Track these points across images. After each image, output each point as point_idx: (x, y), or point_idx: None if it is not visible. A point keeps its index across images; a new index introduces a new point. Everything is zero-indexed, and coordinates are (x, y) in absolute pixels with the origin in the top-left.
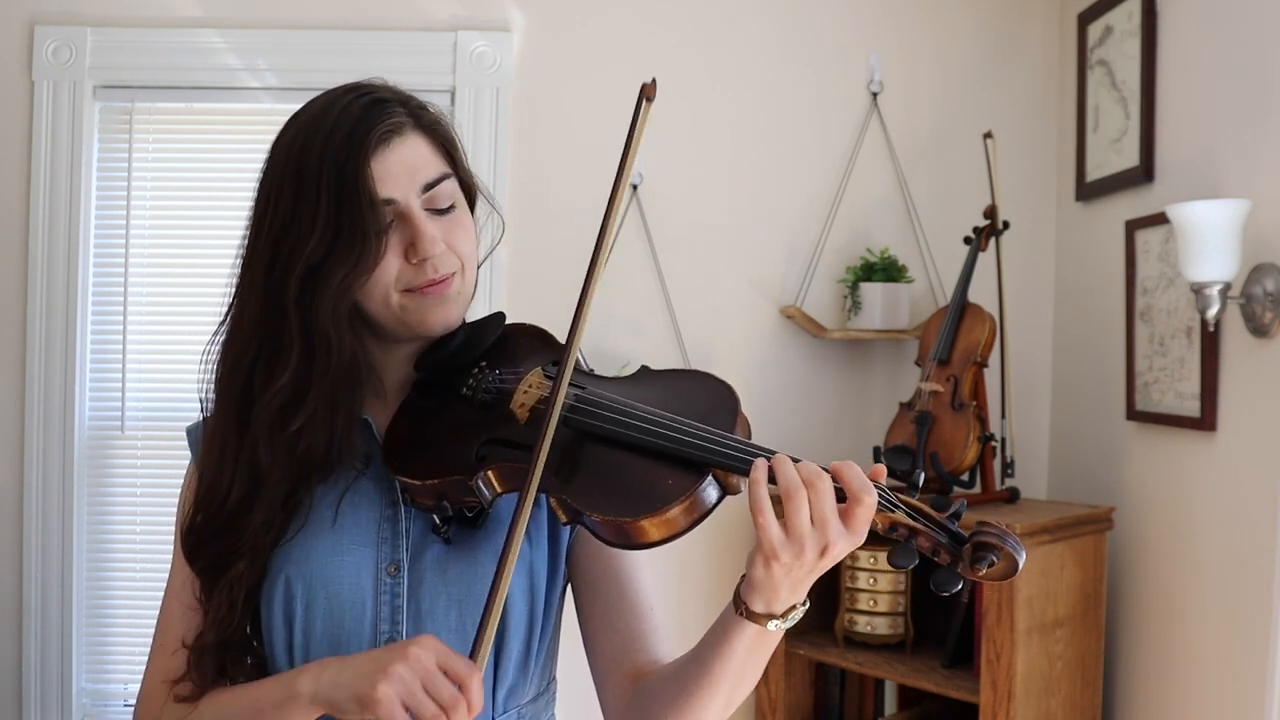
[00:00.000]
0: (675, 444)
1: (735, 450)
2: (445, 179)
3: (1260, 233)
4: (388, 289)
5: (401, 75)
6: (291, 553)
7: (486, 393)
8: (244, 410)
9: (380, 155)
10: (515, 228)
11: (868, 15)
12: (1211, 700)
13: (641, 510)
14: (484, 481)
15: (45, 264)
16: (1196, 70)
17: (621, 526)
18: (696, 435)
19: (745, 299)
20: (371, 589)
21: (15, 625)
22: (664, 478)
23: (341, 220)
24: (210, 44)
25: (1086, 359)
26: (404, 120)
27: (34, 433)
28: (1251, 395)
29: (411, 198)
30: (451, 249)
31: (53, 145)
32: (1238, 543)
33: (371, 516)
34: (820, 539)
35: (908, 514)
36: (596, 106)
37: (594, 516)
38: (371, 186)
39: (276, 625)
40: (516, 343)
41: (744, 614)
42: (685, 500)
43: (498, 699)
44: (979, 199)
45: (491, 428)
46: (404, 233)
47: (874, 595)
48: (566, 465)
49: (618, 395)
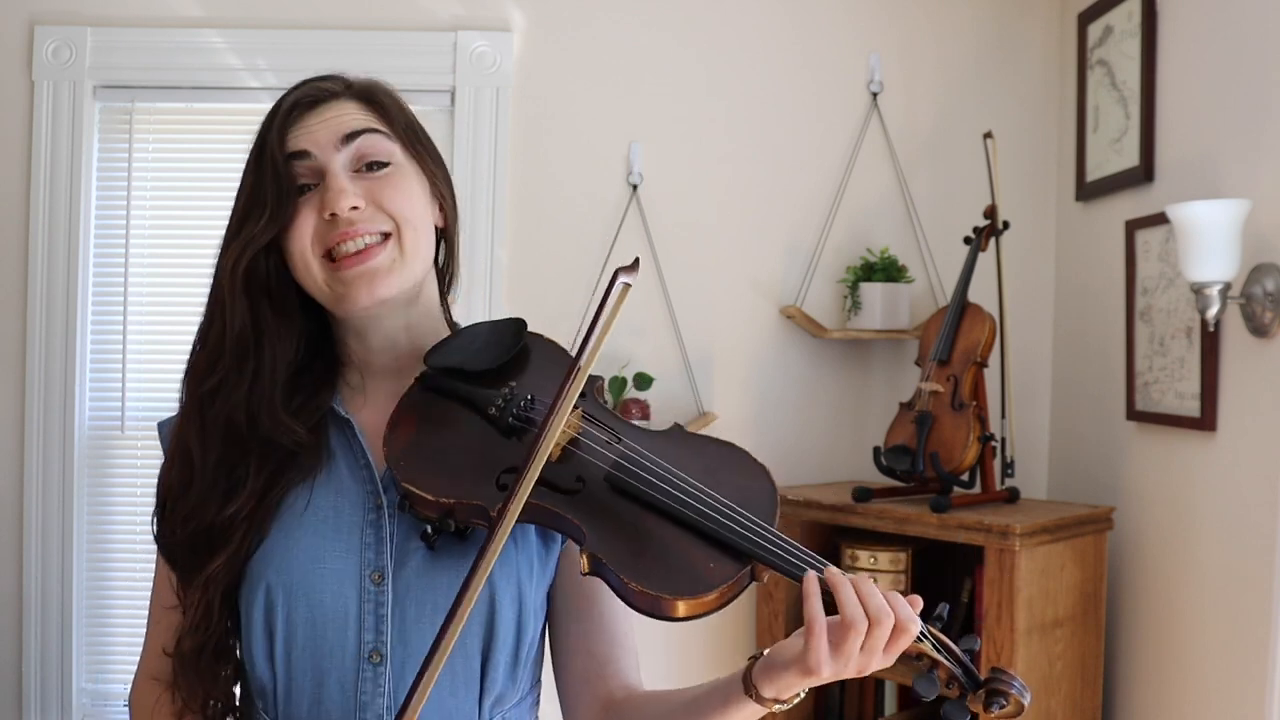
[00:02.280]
0: (724, 530)
1: (789, 554)
2: (370, 132)
3: (1260, 233)
4: (305, 251)
5: (401, 75)
6: (272, 559)
7: (517, 420)
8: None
9: (300, 118)
10: (515, 227)
11: (868, 15)
12: (1211, 700)
13: (681, 590)
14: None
15: (45, 264)
16: (1196, 70)
17: (657, 600)
18: (747, 527)
19: (745, 299)
20: (355, 598)
21: (15, 625)
22: (705, 560)
23: (256, 183)
24: (210, 44)
25: (1086, 359)
26: (335, 88)
27: (34, 433)
28: (1251, 395)
29: (329, 151)
30: (380, 208)
31: (53, 145)
32: (1238, 543)
33: (354, 521)
34: (864, 663)
35: (935, 646)
36: (596, 106)
37: (630, 584)
38: (286, 146)
39: (257, 635)
40: (540, 362)
41: (754, 697)
42: (725, 587)
43: (484, 706)
44: (979, 199)
45: (518, 457)
46: (321, 191)
47: None
48: (604, 520)
49: (659, 458)
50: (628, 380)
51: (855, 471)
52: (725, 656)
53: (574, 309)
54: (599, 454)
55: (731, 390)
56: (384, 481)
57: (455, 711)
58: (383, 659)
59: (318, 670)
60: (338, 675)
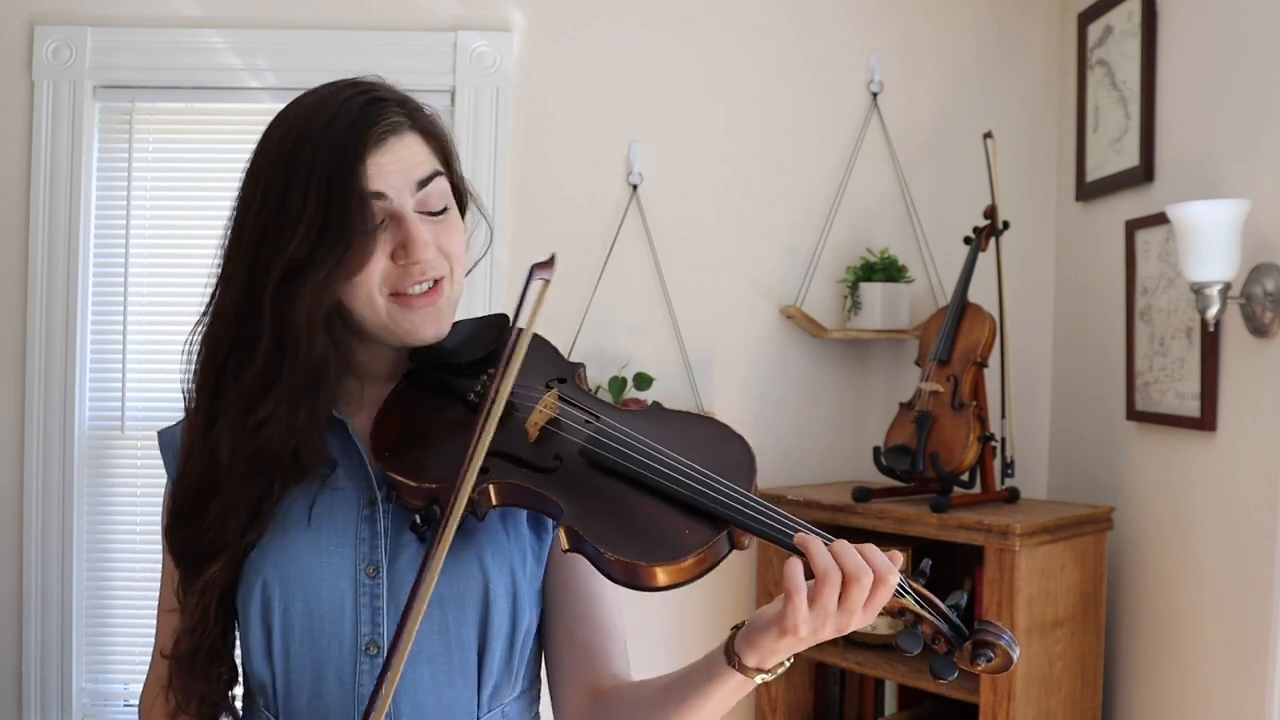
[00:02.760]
0: (699, 496)
1: (767, 517)
2: (438, 176)
3: (1260, 233)
4: (372, 290)
5: (401, 75)
6: (268, 556)
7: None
8: (215, 404)
9: (375, 154)
10: (515, 227)
11: (868, 15)
12: (1211, 700)
13: (658, 557)
14: (483, 494)
15: (45, 264)
16: (1196, 70)
17: (634, 568)
18: (721, 492)
19: (745, 299)
20: (351, 591)
21: (15, 625)
22: (682, 527)
23: (330, 217)
24: (210, 44)
25: (1086, 359)
26: (401, 120)
27: (34, 433)
28: (1251, 395)
29: (404, 196)
30: (442, 252)
31: (53, 145)
32: (1238, 543)
33: (349, 516)
34: (843, 621)
35: (917, 601)
36: (596, 106)
37: (607, 554)
38: (364, 183)
39: (254, 631)
40: None
41: (736, 666)
42: (701, 552)
43: (482, 698)
44: (979, 199)
45: (498, 441)
46: (394, 233)
47: None
48: (580, 495)
49: (635, 433)
50: (628, 380)
51: (855, 471)
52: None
53: (574, 309)
54: (575, 430)
55: (731, 390)
56: (378, 478)
57: (453, 703)
58: (379, 650)
59: (316, 663)
60: (336, 668)
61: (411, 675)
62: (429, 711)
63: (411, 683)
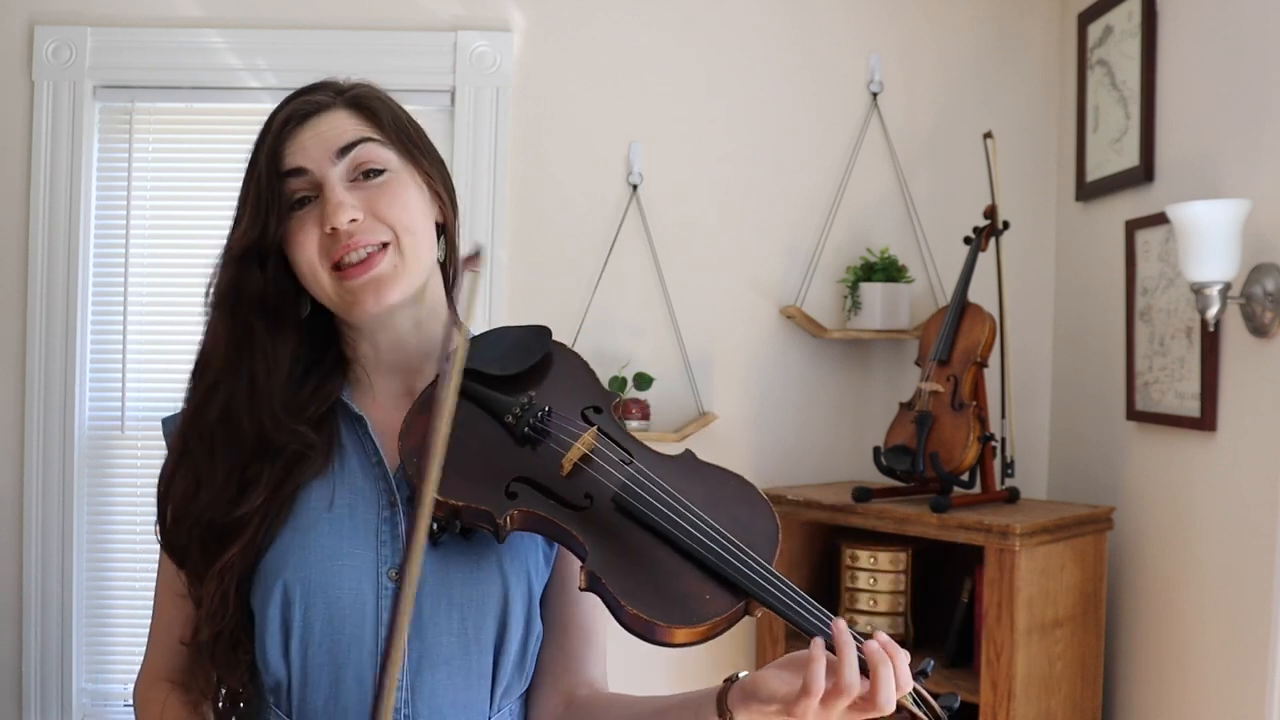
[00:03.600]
0: (725, 565)
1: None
2: (365, 142)
3: (1260, 233)
4: (313, 264)
5: (401, 75)
6: (288, 557)
7: (532, 430)
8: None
9: (295, 132)
10: (515, 227)
11: (868, 15)
12: (1211, 700)
13: (676, 619)
14: (510, 519)
15: (45, 264)
16: (1196, 70)
17: (652, 626)
18: (749, 565)
19: (745, 299)
20: (372, 594)
21: (15, 625)
22: (703, 592)
23: (257, 199)
24: (210, 44)
25: (1086, 359)
26: (326, 99)
27: (34, 433)
28: (1251, 395)
29: (325, 166)
30: (378, 218)
31: (53, 145)
32: (1238, 543)
33: (369, 519)
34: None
35: (914, 701)
36: (596, 106)
37: (627, 607)
38: (281, 160)
39: (273, 631)
40: (560, 372)
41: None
42: (719, 620)
43: (495, 697)
44: (979, 199)
45: (530, 467)
46: (322, 205)
47: (874, 595)
48: (607, 541)
49: (667, 484)
50: (628, 380)
51: (855, 471)
52: (721, 671)
53: (574, 309)
54: (609, 474)
55: (731, 390)
56: (397, 479)
57: (469, 705)
58: None
59: (335, 665)
60: (355, 670)
61: (430, 678)
62: (446, 713)
63: (430, 685)
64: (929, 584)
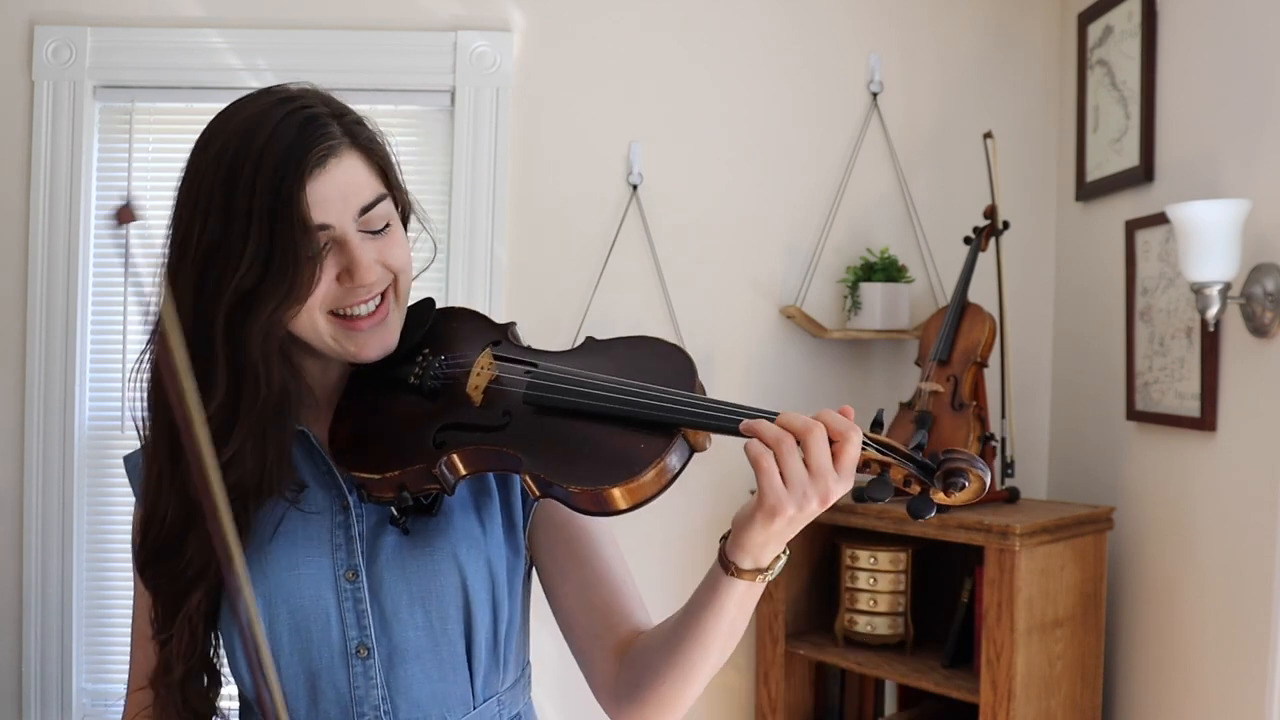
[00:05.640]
0: (643, 409)
1: (712, 410)
2: (381, 200)
3: (1260, 233)
4: (313, 312)
5: (401, 75)
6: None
7: (435, 379)
8: (176, 438)
9: (316, 178)
10: (515, 227)
11: (868, 15)
12: (1211, 700)
13: (622, 476)
14: (447, 466)
15: (45, 264)
16: (1196, 70)
17: (598, 494)
18: (664, 398)
19: (745, 299)
20: (333, 597)
21: (15, 625)
22: (636, 444)
23: (274, 247)
24: (210, 44)
25: (1086, 359)
26: (340, 141)
27: (34, 433)
28: (1251, 395)
29: (347, 222)
30: (386, 266)
31: (53, 145)
32: (1238, 543)
33: (323, 524)
34: (821, 487)
35: (879, 450)
36: (596, 106)
37: (570, 488)
38: (306, 213)
39: (239, 649)
40: (451, 327)
41: (733, 573)
42: (660, 462)
43: (475, 689)
44: (979, 199)
45: (446, 413)
46: (338, 257)
47: (874, 595)
48: (535, 442)
49: (571, 367)
50: None
51: None
52: None
53: (574, 308)
54: (516, 383)
55: (731, 390)
56: (348, 483)
57: (448, 695)
58: (370, 652)
59: (309, 672)
60: (329, 675)
61: (404, 673)
62: (425, 705)
63: (404, 680)
64: (929, 584)
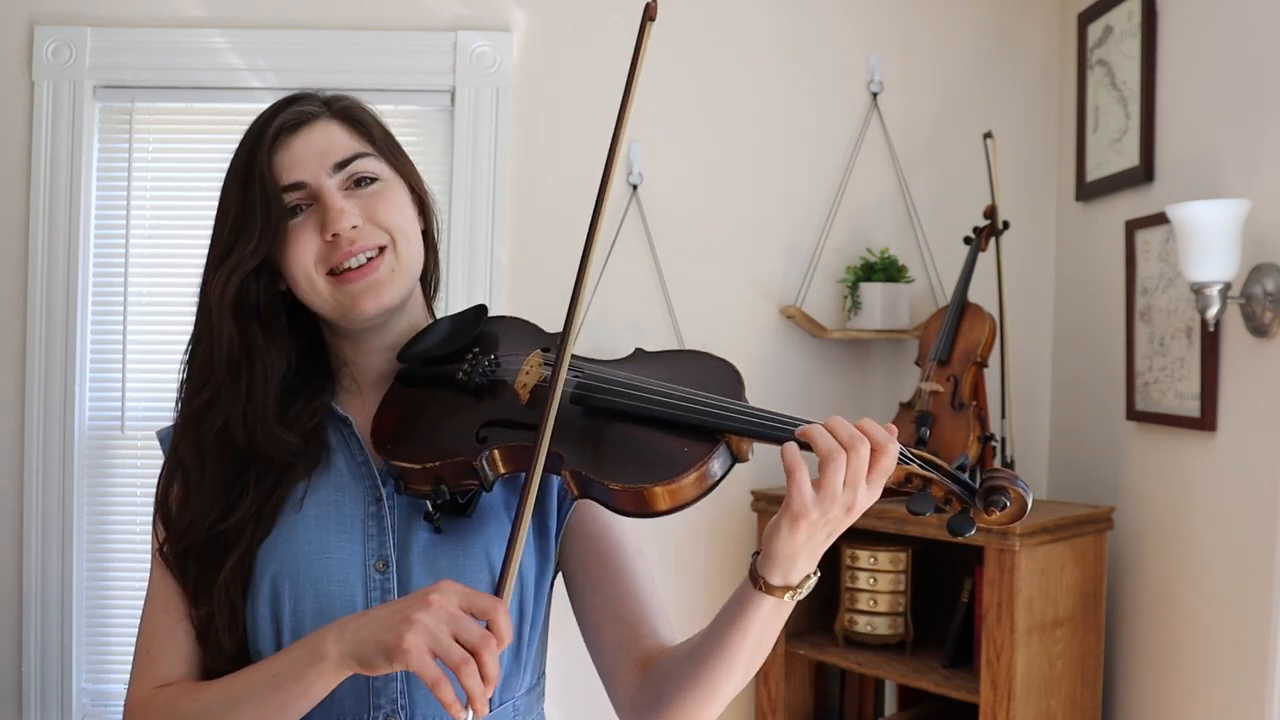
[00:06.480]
0: (689, 413)
1: (761, 419)
2: (360, 157)
3: (1260, 233)
4: (309, 271)
5: (401, 75)
6: (277, 551)
7: (483, 376)
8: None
9: (285, 143)
10: (515, 227)
11: (868, 15)
12: (1211, 700)
13: (663, 476)
14: (488, 461)
15: (45, 264)
16: (1196, 70)
17: (639, 493)
18: (710, 403)
19: (745, 299)
20: (361, 586)
21: (15, 625)
22: (680, 446)
23: (244, 208)
24: (211, 44)
25: (1086, 359)
26: (314, 110)
27: (34, 433)
28: (1251, 395)
29: (322, 177)
30: (375, 223)
31: (53, 145)
32: (1238, 543)
33: (355, 513)
34: (849, 498)
35: (921, 466)
36: (596, 106)
37: (611, 485)
38: (273, 175)
39: (263, 625)
40: (502, 331)
41: (762, 588)
42: (701, 466)
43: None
44: (979, 199)
45: (492, 410)
46: (319, 214)
47: (874, 595)
48: (579, 440)
49: (620, 373)
50: None
51: None
52: None
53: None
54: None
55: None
56: (382, 475)
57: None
58: None
59: None
60: None
61: None
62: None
63: None
64: (929, 584)
